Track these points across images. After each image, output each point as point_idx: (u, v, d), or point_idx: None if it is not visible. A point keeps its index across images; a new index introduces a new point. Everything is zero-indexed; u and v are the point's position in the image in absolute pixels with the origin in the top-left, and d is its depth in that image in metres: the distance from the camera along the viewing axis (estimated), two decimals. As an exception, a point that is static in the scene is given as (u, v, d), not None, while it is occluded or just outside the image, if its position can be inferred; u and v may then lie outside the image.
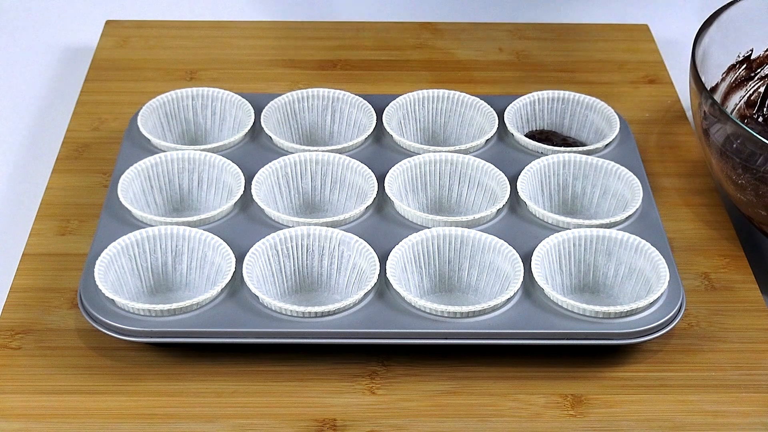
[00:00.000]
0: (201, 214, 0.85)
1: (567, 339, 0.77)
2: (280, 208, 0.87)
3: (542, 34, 1.14)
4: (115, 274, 0.80)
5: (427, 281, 0.82)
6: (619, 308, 0.77)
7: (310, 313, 0.77)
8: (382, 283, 0.79)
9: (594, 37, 1.14)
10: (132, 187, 0.86)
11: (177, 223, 0.83)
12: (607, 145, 0.92)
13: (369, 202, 0.85)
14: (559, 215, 0.85)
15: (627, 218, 0.85)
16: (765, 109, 0.98)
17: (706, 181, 0.95)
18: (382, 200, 0.86)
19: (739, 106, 0.98)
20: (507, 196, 0.85)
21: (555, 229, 0.84)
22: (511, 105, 0.95)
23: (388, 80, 1.07)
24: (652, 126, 1.01)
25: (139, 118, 0.92)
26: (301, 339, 0.77)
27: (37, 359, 0.78)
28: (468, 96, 0.95)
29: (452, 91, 0.95)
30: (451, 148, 0.90)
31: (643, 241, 0.81)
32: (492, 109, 0.94)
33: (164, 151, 0.89)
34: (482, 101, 0.95)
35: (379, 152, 0.91)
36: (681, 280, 0.81)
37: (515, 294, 0.79)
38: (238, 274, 0.79)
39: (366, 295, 0.78)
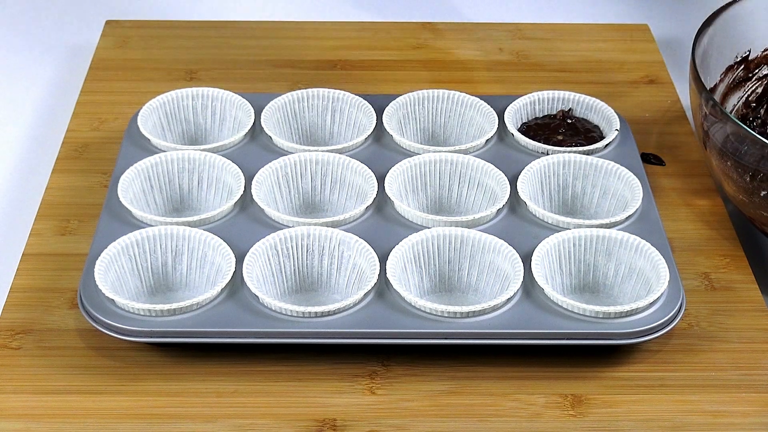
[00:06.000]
0: (201, 214, 0.85)
1: (567, 339, 0.77)
2: (280, 208, 0.87)
3: (542, 34, 1.14)
4: (115, 274, 0.80)
5: (427, 281, 0.82)
6: (619, 308, 0.77)
7: (310, 313, 0.77)
8: (382, 283, 0.79)
9: (594, 37, 1.14)
10: (132, 187, 0.86)
11: (177, 223, 0.83)
12: (607, 145, 0.92)
13: (369, 202, 0.85)
14: (559, 215, 0.85)
15: (627, 218, 0.85)
16: (763, 110, 0.98)
17: (706, 181, 0.95)
18: (382, 200, 0.86)
19: (737, 106, 0.98)
20: (507, 196, 0.85)
21: (555, 229, 0.84)
22: (511, 105, 0.95)
23: (388, 80, 1.06)
24: (652, 126, 1.01)
25: (139, 118, 0.92)
26: (301, 339, 0.77)
27: (37, 359, 0.78)
28: (468, 96, 0.95)
29: (452, 91, 0.95)
30: (451, 148, 0.90)
31: (643, 241, 0.81)
32: (492, 109, 0.94)
33: (164, 151, 0.89)
34: (482, 101, 0.95)
35: (379, 152, 0.91)
36: (681, 280, 0.81)
37: (515, 294, 0.79)
38: (238, 274, 0.79)
39: (366, 295, 0.78)
